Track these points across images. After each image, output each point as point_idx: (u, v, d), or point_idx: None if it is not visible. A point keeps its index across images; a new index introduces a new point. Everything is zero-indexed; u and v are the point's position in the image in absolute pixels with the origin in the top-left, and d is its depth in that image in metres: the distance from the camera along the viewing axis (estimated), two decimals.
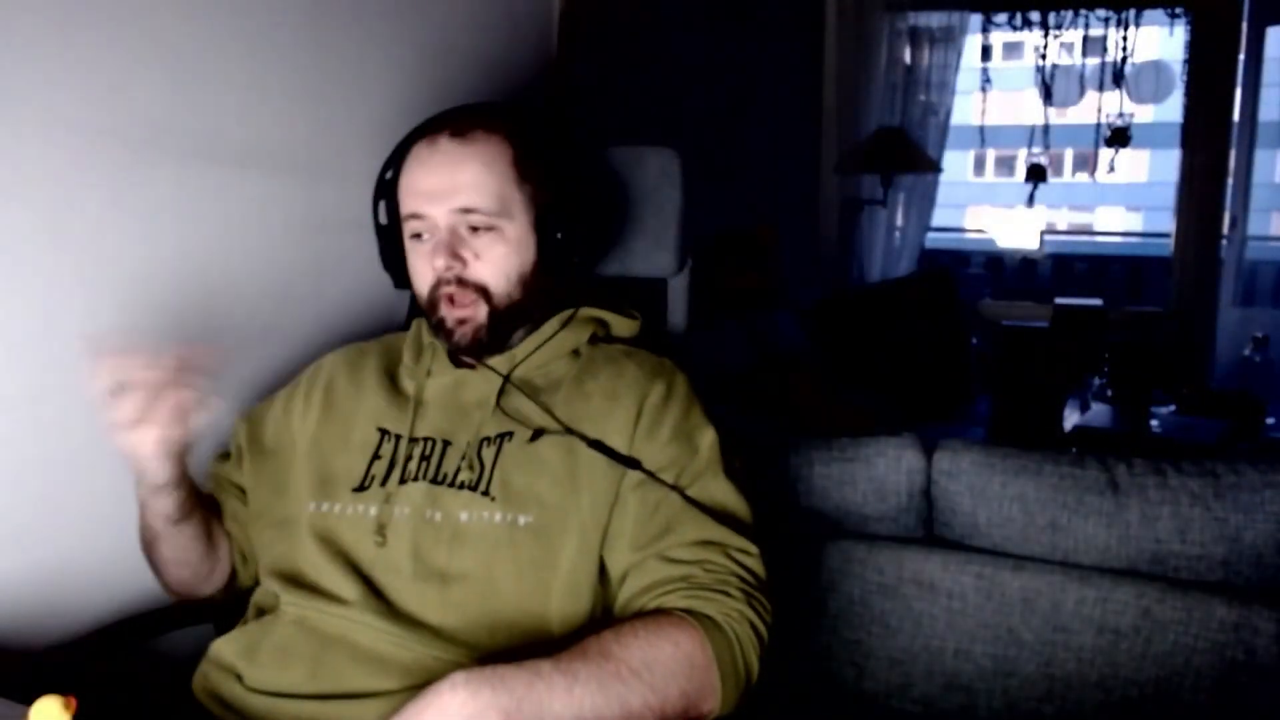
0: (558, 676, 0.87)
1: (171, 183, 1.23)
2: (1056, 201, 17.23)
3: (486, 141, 1.12)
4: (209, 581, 1.21)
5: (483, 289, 1.11)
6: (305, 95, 1.40)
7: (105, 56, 1.14)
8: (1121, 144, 4.16)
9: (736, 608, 0.99)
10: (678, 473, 1.08)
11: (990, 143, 4.64)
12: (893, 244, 4.20)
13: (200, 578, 1.19)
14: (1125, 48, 3.99)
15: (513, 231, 1.12)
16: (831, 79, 4.02)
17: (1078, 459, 1.36)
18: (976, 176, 19.90)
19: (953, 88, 4.13)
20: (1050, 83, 4.14)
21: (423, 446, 1.12)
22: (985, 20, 4.20)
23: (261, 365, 1.37)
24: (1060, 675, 1.31)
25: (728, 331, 2.66)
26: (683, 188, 1.39)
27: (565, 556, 1.05)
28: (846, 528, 1.44)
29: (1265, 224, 4.75)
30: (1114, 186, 17.02)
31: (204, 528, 1.16)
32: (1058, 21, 4.07)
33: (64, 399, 1.15)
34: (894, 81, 4.05)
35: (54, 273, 1.13)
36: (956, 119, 4.24)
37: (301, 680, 1.01)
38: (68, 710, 0.76)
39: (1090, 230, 17.61)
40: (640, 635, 0.93)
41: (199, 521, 1.15)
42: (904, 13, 4.03)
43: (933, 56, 4.11)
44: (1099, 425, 2.79)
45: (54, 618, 1.14)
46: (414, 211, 1.12)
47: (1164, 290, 4.16)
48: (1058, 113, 4.48)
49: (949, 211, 9.62)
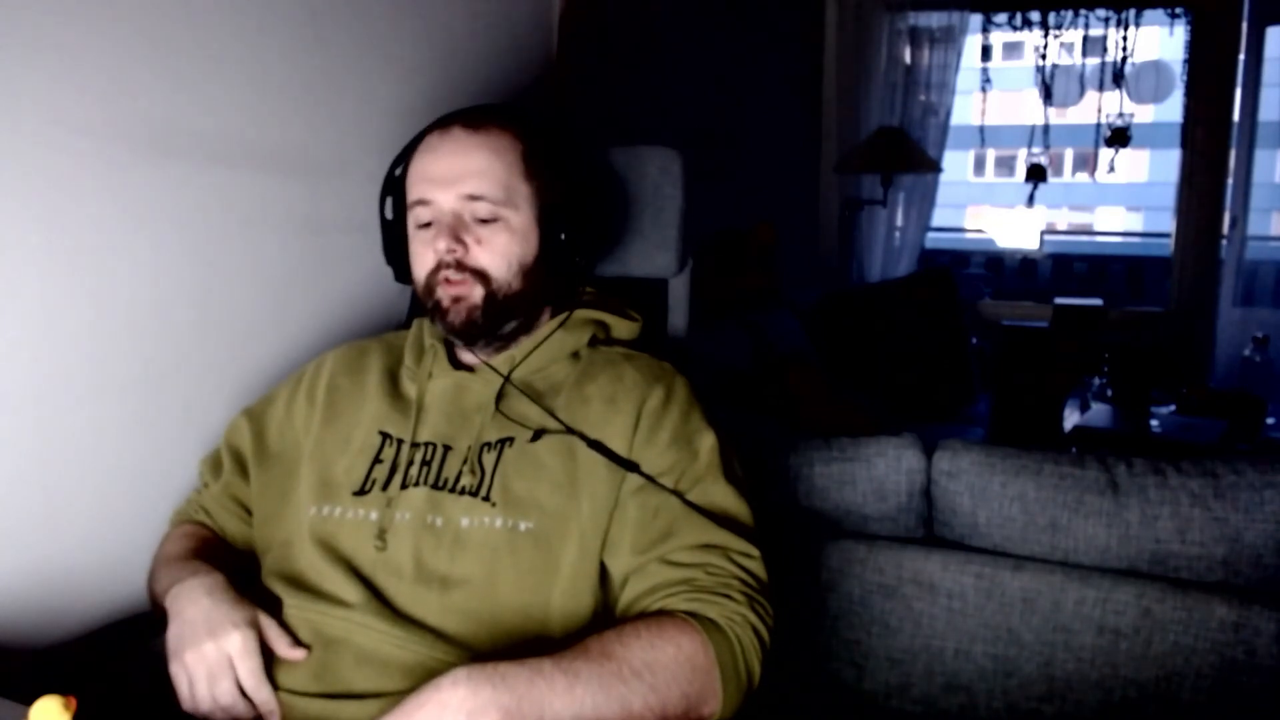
0: (559, 675, 0.87)
1: (172, 183, 1.23)
2: (1056, 201, 17.25)
3: (499, 134, 1.13)
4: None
5: (482, 273, 1.12)
6: (305, 95, 1.40)
7: (105, 56, 1.14)
8: (1121, 144, 4.16)
9: (739, 611, 0.99)
10: (677, 477, 1.08)
11: (990, 143, 4.64)
12: (893, 244, 4.20)
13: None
14: (1125, 48, 3.99)
15: (517, 223, 1.13)
16: (831, 79, 4.02)
17: (1078, 459, 1.36)
18: (976, 176, 19.90)
19: (953, 88, 4.13)
20: (1050, 83, 4.14)
21: (424, 451, 1.12)
22: (985, 20, 4.19)
23: (261, 365, 1.37)
24: (1060, 675, 1.31)
25: (728, 331, 2.65)
26: (683, 188, 1.39)
27: (566, 561, 1.05)
28: (846, 528, 1.44)
29: (1265, 224, 4.73)
30: (1114, 186, 17.03)
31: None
32: (1058, 21, 4.07)
33: (64, 399, 1.15)
34: (894, 81, 4.04)
35: (54, 273, 1.13)
36: (956, 119, 4.24)
37: (305, 681, 1.01)
38: (68, 710, 0.76)
39: (1090, 230, 17.61)
40: (642, 636, 0.93)
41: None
42: (904, 13, 4.02)
43: (933, 56, 4.11)
44: (1099, 425, 2.80)
45: (54, 618, 1.14)
46: (421, 197, 1.12)
47: (1164, 290, 4.16)
48: (1058, 113, 4.48)
49: (949, 211, 9.63)
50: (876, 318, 3.46)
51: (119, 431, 1.22)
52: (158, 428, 1.26)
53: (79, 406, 1.17)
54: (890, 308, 3.52)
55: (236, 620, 0.99)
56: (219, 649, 0.97)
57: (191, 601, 1.01)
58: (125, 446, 1.23)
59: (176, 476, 1.28)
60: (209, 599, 1.01)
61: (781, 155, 3.85)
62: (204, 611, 1.00)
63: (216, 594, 1.02)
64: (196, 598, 1.01)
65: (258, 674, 0.98)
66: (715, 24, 3.22)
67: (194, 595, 1.02)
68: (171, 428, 1.28)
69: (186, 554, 1.14)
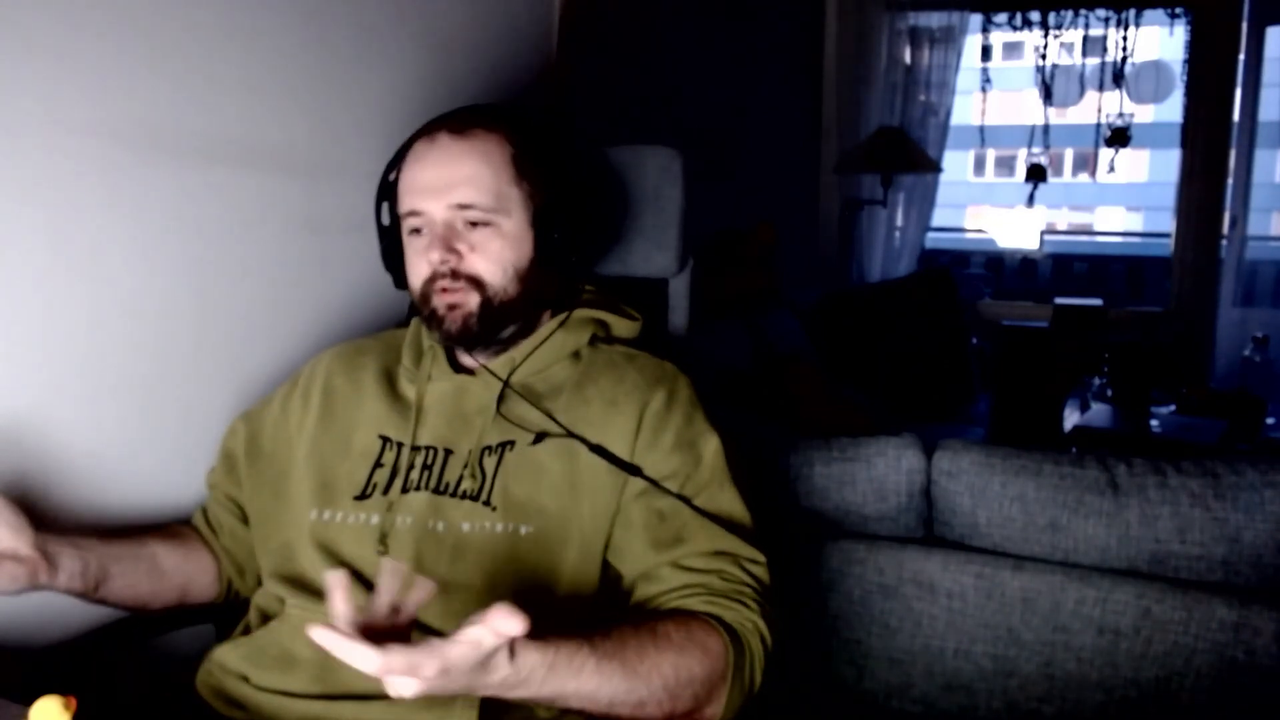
0: (589, 674, 0.86)
1: (171, 183, 1.23)
2: (1056, 201, 17.22)
3: (485, 139, 1.12)
4: (185, 599, 1.19)
5: (476, 280, 1.11)
6: (305, 95, 1.40)
7: (105, 57, 1.14)
8: (1121, 144, 4.16)
9: (751, 618, 1.00)
10: (682, 482, 1.08)
11: (990, 143, 4.64)
12: (893, 244, 4.20)
13: (164, 602, 1.17)
14: (1125, 48, 3.99)
15: (509, 228, 1.12)
16: (831, 79, 4.01)
17: (1078, 459, 1.36)
18: (976, 176, 19.89)
19: (953, 88, 4.13)
20: (1050, 83, 4.14)
21: (425, 455, 1.12)
22: (985, 20, 4.19)
23: (261, 365, 1.37)
24: (1060, 675, 1.31)
25: (728, 331, 2.65)
26: (683, 188, 1.39)
27: (567, 565, 1.05)
28: (846, 528, 1.44)
29: (1265, 224, 4.72)
30: (1114, 186, 17.01)
31: (138, 574, 1.12)
32: (1058, 21, 4.07)
33: (63, 399, 1.15)
34: (894, 81, 4.04)
35: (53, 273, 1.13)
36: (956, 119, 4.24)
37: (307, 682, 1.02)
38: (68, 710, 0.76)
39: (1090, 230, 17.60)
40: (674, 640, 0.93)
41: (131, 571, 1.11)
42: (904, 13, 4.02)
43: (933, 56, 4.11)
44: (1099, 425, 2.79)
45: (54, 618, 1.14)
46: (412, 208, 1.12)
47: (1164, 290, 4.16)
48: (1058, 113, 4.48)
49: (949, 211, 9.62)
50: (876, 318, 3.46)
51: (118, 431, 1.22)
52: (157, 427, 1.26)
53: (78, 406, 1.17)
54: (890, 308, 3.52)
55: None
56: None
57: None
58: (124, 446, 1.22)
59: (175, 476, 1.28)
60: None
61: (781, 155, 3.85)
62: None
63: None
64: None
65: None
66: (715, 24, 3.22)
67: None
68: (171, 427, 1.28)
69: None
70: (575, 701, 0.87)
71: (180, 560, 1.18)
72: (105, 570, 1.07)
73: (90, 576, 1.05)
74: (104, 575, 1.07)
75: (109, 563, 1.08)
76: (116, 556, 1.09)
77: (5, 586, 0.97)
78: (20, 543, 0.97)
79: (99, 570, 1.06)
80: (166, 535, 1.19)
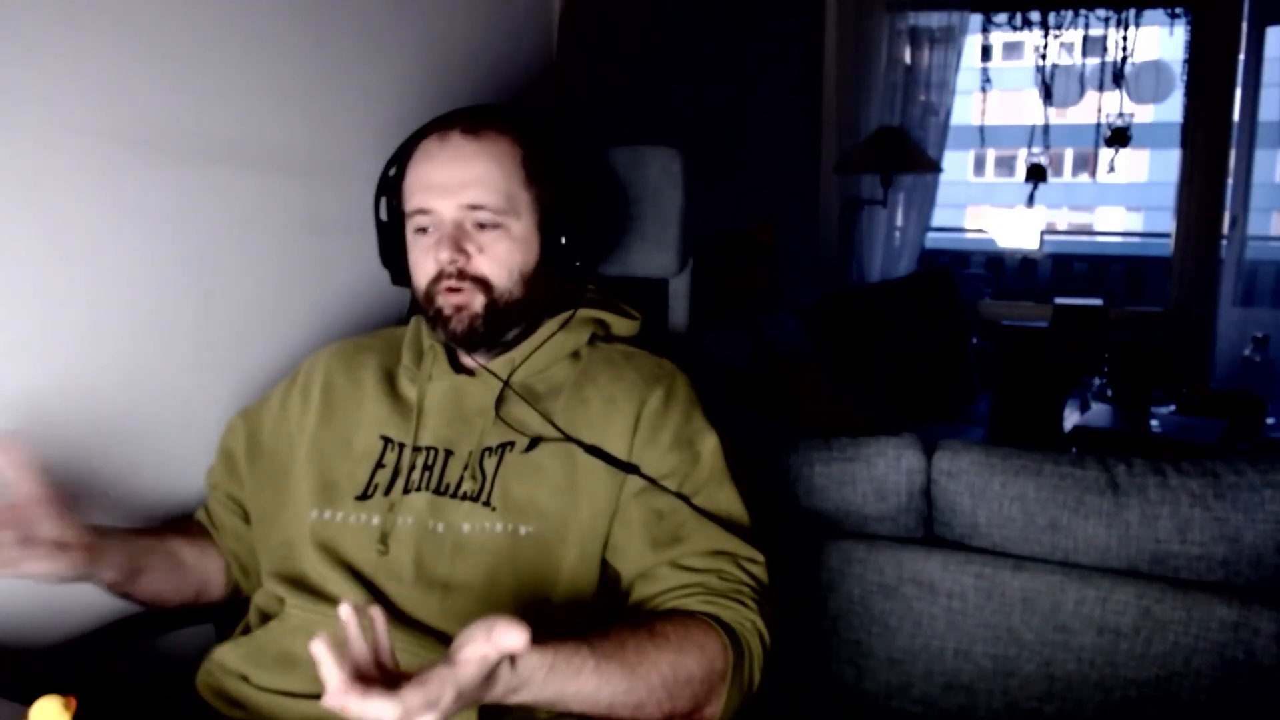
0: (588, 675, 0.86)
1: (172, 183, 1.23)
2: (1056, 201, 17.23)
3: (497, 140, 1.12)
4: (200, 597, 1.20)
5: (483, 281, 1.11)
6: (305, 95, 1.40)
7: (105, 57, 1.14)
8: (1121, 144, 4.16)
9: (750, 618, 1.00)
10: (680, 480, 1.08)
11: (990, 143, 4.64)
12: (893, 244, 4.20)
13: (183, 599, 1.18)
14: (1125, 48, 3.99)
15: (518, 230, 1.12)
16: (831, 79, 4.01)
17: (1078, 459, 1.36)
18: (976, 176, 19.89)
19: (953, 88, 4.12)
20: (1050, 83, 4.13)
21: (425, 456, 1.12)
22: (985, 20, 4.19)
23: (261, 365, 1.37)
24: (1060, 675, 1.31)
25: (728, 331, 2.65)
26: (683, 188, 1.39)
27: (566, 565, 1.05)
28: (846, 528, 1.44)
29: (1265, 224, 4.72)
30: (1114, 186, 17.01)
31: (165, 570, 1.14)
32: (1058, 21, 4.07)
33: (63, 399, 1.15)
34: (894, 81, 4.04)
35: (53, 273, 1.13)
36: (956, 119, 4.23)
37: (307, 682, 1.01)
38: (68, 710, 0.76)
39: (1090, 230, 17.59)
40: (671, 641, 0.93)
41: (159, 566, 1.13)
42: (904, 13, 4.02)
43: (933, 56, 4.11)
44: (1099, 425, 2.79)
45: (54, 618, 1.14)
46: (421, 206, 1.11)
47: (1164, 290, 4.16)
48: (1058, 113, 4.47)
49: (949, 211, 9.63)
50: (876, 318, 3.46)
51: (118, 431, 1.22)
52: (157, 427, 1.26)
53: (77, 406, 1.17)
54: (890, 308, 3.52)
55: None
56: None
57: None
58: (124, 446, 1.23)
59: (175, 476, 1.28)
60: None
61: (781, 155, 3.85)
62: None
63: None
64: None
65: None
66: (715, 24, 3.22)
67: None
68: (171, 427, 1.28)
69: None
70: (575, 703, 0.87)
71: (198, 556, 1.19)
72: (137, 564, 1.09)
73: (127, 569, 1.07)
74: (136, 569, 1.09)
75: (139, 556, 1.10)
76: (146, 550, 1.12)
77: (63, 573, 0.99)
78: (72, 533, 0.99)
79: (133, 564, 1.08)
80: (183, 532, 1.20)
